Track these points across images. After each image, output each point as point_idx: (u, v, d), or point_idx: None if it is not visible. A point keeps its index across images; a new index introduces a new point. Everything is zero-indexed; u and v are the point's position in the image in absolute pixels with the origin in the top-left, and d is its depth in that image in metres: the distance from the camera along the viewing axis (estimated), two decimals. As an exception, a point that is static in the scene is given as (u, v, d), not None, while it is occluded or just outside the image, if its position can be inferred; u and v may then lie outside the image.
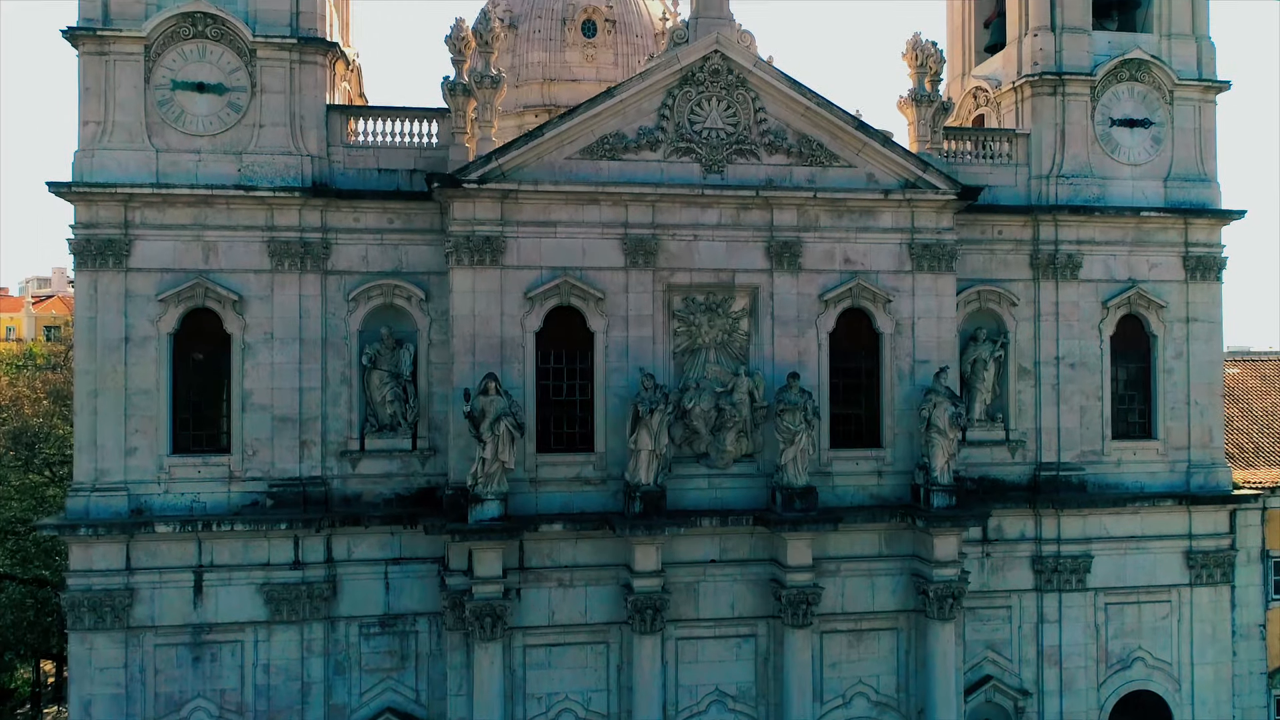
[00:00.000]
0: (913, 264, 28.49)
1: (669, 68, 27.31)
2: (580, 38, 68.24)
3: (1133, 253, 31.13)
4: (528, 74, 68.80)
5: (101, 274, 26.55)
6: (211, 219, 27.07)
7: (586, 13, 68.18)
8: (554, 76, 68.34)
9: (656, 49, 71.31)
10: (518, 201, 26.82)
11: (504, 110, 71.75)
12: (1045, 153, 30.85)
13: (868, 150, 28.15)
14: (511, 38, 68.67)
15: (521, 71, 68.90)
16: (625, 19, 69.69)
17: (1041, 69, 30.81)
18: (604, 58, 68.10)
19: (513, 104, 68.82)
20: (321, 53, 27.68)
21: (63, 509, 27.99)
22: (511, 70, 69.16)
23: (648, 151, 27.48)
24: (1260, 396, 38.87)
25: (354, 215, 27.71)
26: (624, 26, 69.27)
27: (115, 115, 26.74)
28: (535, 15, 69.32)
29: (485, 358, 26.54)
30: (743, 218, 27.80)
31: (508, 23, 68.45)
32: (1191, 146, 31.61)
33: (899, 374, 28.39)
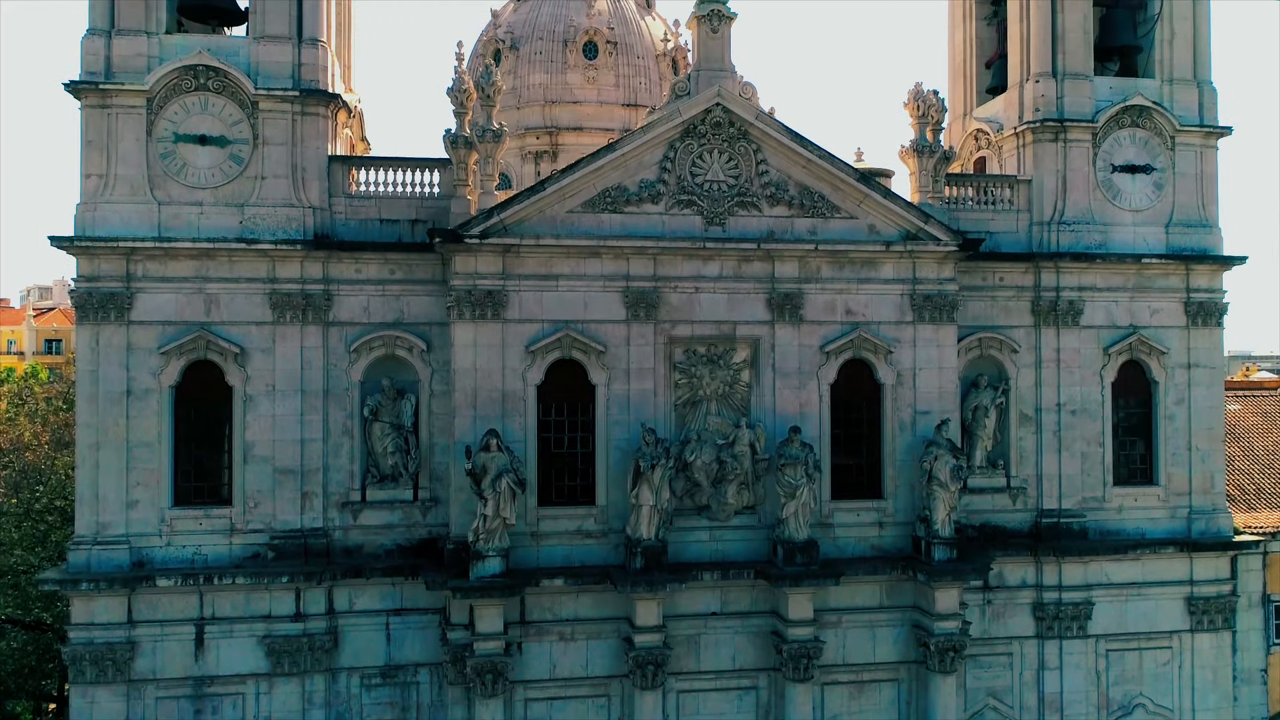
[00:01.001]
0: (914, 314, 28.50)
1: (671, 121, 27.32)
2: (581, 59, 68.37)
3: (1134, 299, 31.12)
4: (529, 95, 68.91)
5: (103, 327, 26.57)
6: (213, 271, 27.10)
7: (588, 34, 68.31)
8: (555, 98, 68.52)
9: (658, 70, 71.36)
10: (519, 255, 26.84)
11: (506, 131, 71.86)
12: (1047, 199, 30.84)
13: (869, 202, 28.16)
14: (513, 59, 68.80)
15: (523, 93, 69.05)
16: (626, 40, 69.82)
17: (1043, 115, 30.80)
18: (605, 79, 68.27)
19: (514, 125, 68.96)
20: (323, 104, 27.70)
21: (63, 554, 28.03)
22: (513, 91, 69.29)
23: (649, 204, 27.50)
24: (1261, 434, 38.87)
25: (356, 266, 27.74)
26: (625, 48, 69.44)
27: (117, 168, 26.76)
28: (536, 37, 69.47)
29: (487, 411, 26.57)
30: (744, 269, 27.82)
31: (509, 44, 68.62)
32: (1193, 192, 31.60)
33: (900, 425, 28.40)
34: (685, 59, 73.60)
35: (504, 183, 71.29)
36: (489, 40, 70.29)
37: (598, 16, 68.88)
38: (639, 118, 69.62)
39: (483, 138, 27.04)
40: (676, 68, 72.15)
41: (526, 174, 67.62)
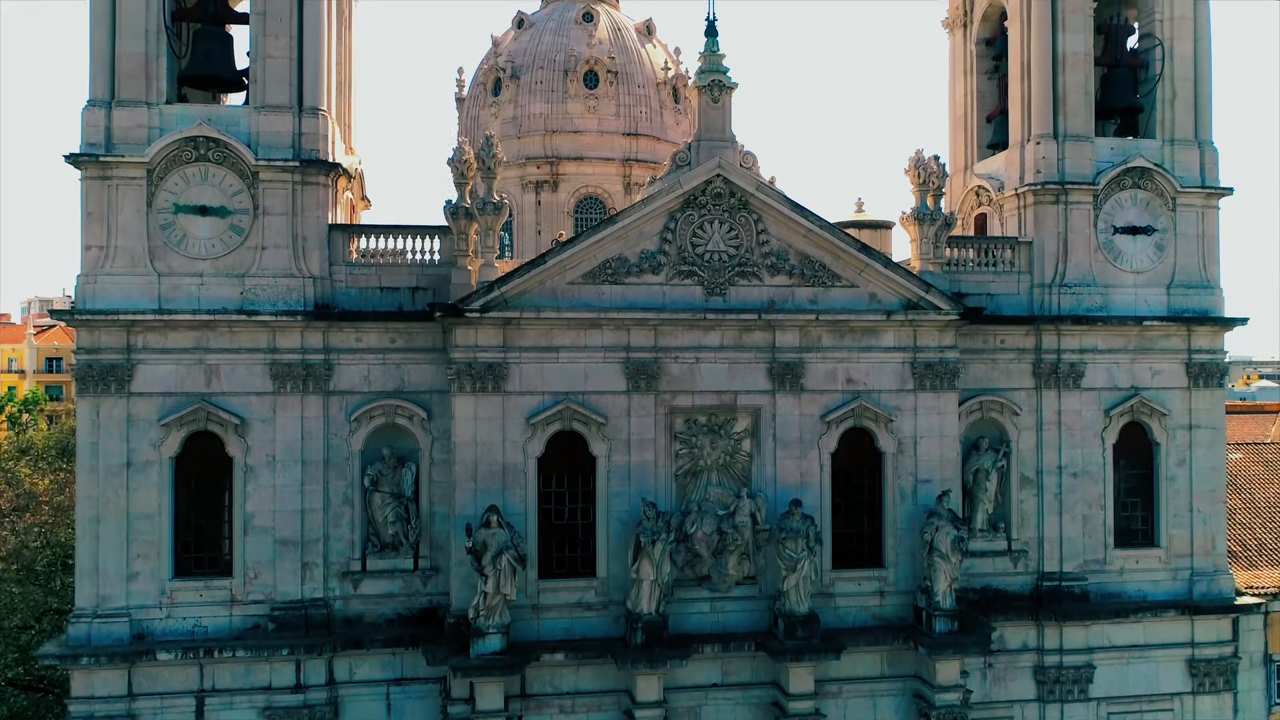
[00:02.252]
0: (915, 382, 28.49)
1: (671, 192, 27.29)
2: (582, 89, 68.42)
3: (1135, 360, 31.10)
4: (529, 125, 69.02)
5: (103, 399, 26.55)
6: (214, 342, 27.09)
7: (588, 64, 68.37)
8: (556, 128, 68.62)
9: (659, 98, 71.29)
10: (520, 328, 26.84)
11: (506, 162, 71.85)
12: (1048, 261, 30.81)
13: (870, 271, 28.14)
14: (514, 88, 68.90)
15: (523, 123, 69.14)
16: (627, 69, 69.88)
17: (1044, 178, 30.77)
18: (606, 109, 68.34)
19: (515, 154, 69.08)
20: (324, 173, 27.68)
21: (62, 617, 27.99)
22: (513, 121, 69.41)
23: (650, 275, 27.49)
24: (1263, 485, 38.81)
25: (356, 335, 27.72)
26: (626, 77, 69.49)
27: (117, 240, 26.75)
28: (537, 66, 69.49)
29: (488, 485, 26.56)
30: (745, 339, 27.80)
31: (509, 73, 68.71)
32: (1194, 253, 31.56)
33: (901, 493, 28.38)
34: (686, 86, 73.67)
35: (505, 211, 71.10)
36: (489, 69, 70.35)
37: (598, 46, 68.92)
38: (640, 146, 69.71)
39: (483, 210, 27.01)
40: (677, 95, 72.21)
41: (527, 203, 67.72)
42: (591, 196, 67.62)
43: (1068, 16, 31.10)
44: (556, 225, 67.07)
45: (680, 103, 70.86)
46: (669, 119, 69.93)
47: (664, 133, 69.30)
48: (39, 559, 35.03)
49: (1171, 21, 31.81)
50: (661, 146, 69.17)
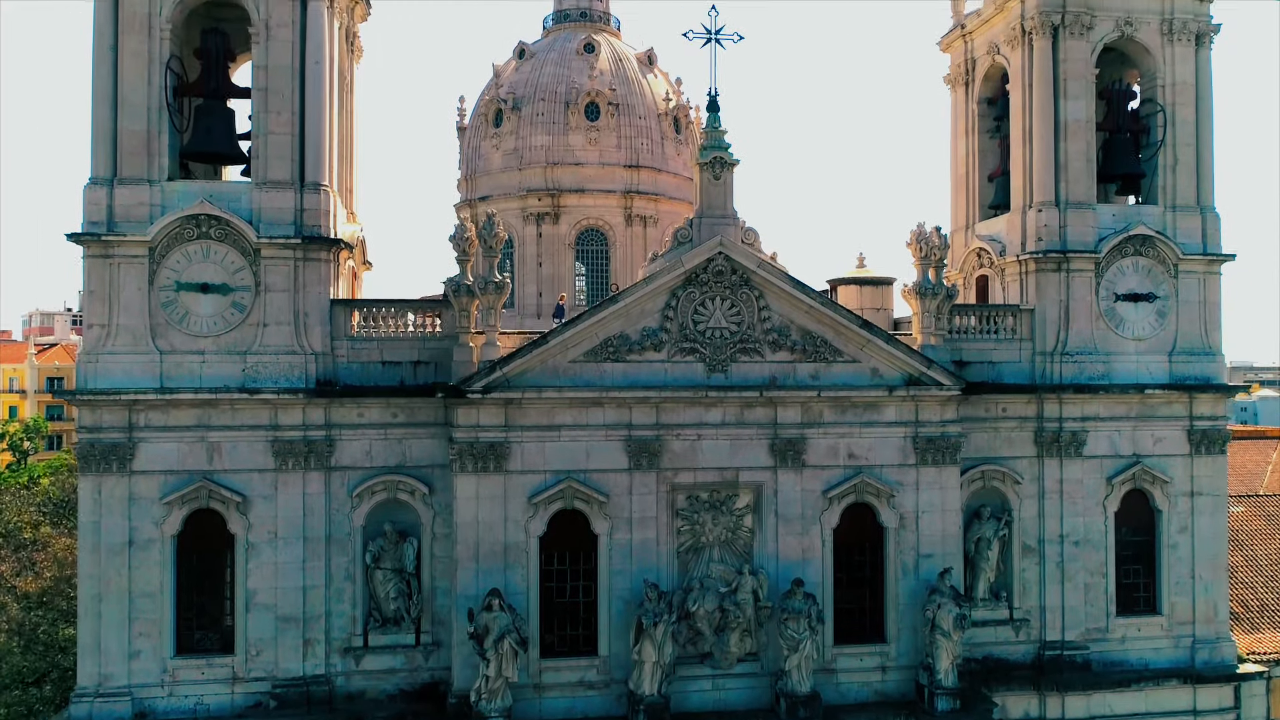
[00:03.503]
0: (917, 457, 28.49)
1: (673, 270, 27.28)
2: (584, 121, 68.38)
3: (1137, 427, 31.09)
4: (531, 157, 69.01)
5: (105, 478, 26.57)
6: (216, 419, 27.09)
7: (589, 96, 68.34)
8: (557, 160, 68.63)
9: (660, 129, 71.26)
10: (522, 407, 26.84)
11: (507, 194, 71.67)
12: (1049, 329, 30.79)
13: (871, 346, 28.14)
14: (515, 119, 68.92)
15: (525, 155, 69.15)
16: (628, 100, 69.86)
17: (1046, 246, 30.76)
18: (607, 141, 68.34)
19: (516, 186, 69.12)
20: (326, 249, 27.69)
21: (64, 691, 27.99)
22: (514, 153, 69.43)
23: (651, 352, 27.48)
24: (1265, 540, 38.77)
25: (358, 411, 27.73)
26: (627, 108, 69.47)
27: (119, 318, 26.76)
28: (538, 98, 69.48)
29: (489, 564, 26.57)
30: (747, 415, 27.80)
31: (510, 105, 68.74)
32: (1196, 320, 31.54)
33: (903, 568, 28.37)
34: (687, 117, 73.66)
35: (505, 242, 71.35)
36: (491, 100, 70.33)
37: (599, 77, 68.89)
38: (641, 178, 69.70)
39: (485, 289, 27.01)
40: (679, 126, 72.23)
41: (528, 235, 67.73)
42: (593, 228, 67.64)
43: (1069, 83, 31.10)
44: (558, 257, 67.11)
45: (682, 133, 70.87)
46: (670, 150, 69.94)
47: (665, 164, 69.32)
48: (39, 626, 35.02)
49: (1173, 87, 31.79)
50: (663, 178, 69.21)
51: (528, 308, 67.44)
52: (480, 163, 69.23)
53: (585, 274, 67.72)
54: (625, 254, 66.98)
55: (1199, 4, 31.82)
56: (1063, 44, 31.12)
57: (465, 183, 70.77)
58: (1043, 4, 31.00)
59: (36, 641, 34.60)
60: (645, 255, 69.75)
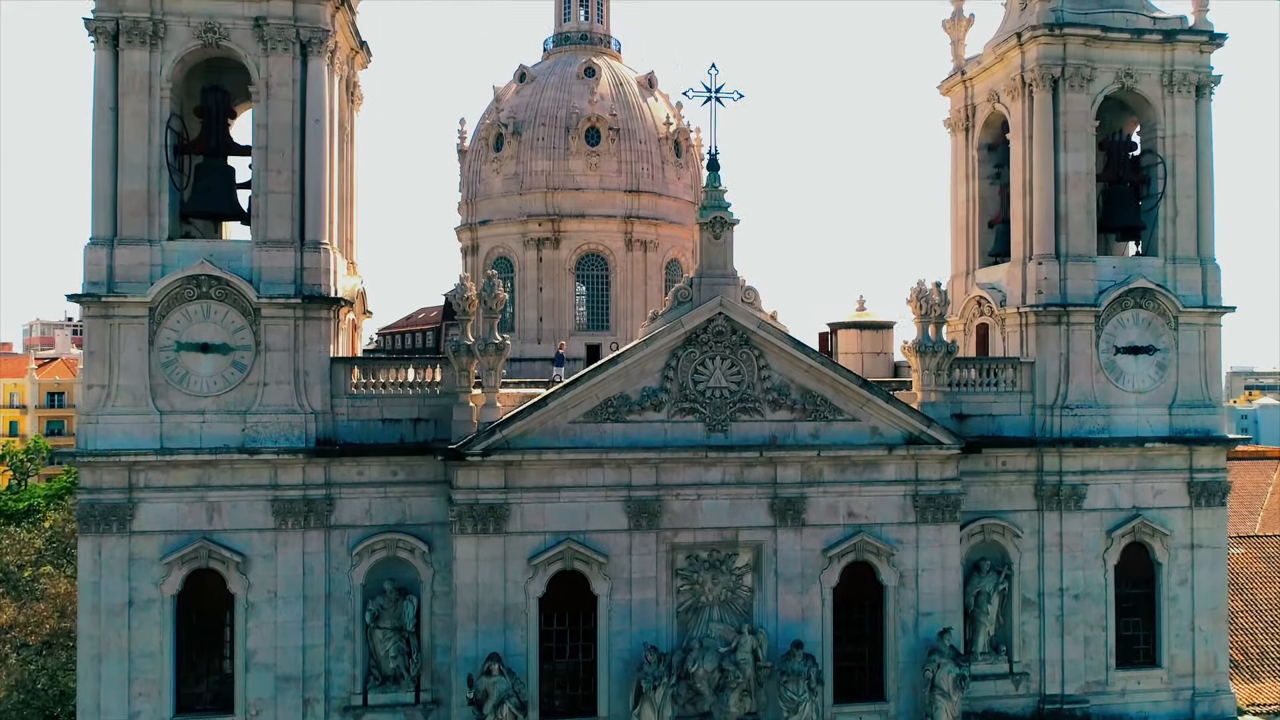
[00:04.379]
0: (917, 515, 28.49)
1: (673, 331, 27.28)
2: (584, 145, 68.38)
3: (1137, 480, 31.09)
4: (531, 182, 68.99)
5: (105, 539, 26.59)
6: (215, 479, 27.11)
7: (590, 121, 68.33)
8: (558, 185, 68.63)
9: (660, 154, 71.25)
10: (521, 468, 26.86)
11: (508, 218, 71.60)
12: (1049, 382, 30.79)
13: (871, 405, 28.15)
14: (515, 144, 68.92)
15: (525, 179, 69.13)
16: (629, 125, 69.83)
17: (1046, 299, 30.75)
18: (608, 166, 68.36)
19: (517, 211, 69.11)
20: (325, 307, 27.69)
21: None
22: (515, 177, 69.45)
23: (651, 412, 27.49)
24: (1266, 583, 38.82)
25: (358, 469, 27.75)
26: (628, 133, 69.45)
27: (119, 379, 26.76)
28: (539, 123, 69.47)
29: (489, 625, 26.59)
30: (747, 474, 27.81)
31: (511, 129, 68.75)
32: (1196, 372, 31.53)
33: (903, 627, 28.37)
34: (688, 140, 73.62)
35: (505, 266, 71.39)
36: (491, 124, 70.30)
37: (600, 102, 68.87)
38: (642, 203, 69.68)
39: (485, 350, 27.01)
40: (679, 150, 72.22)
41: (529, 259, 67.78)
42: (593, 253, 67.63)
43: (1070, 136, 31.10)
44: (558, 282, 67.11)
45: (682, 156, 70.85)
46: (670, 174, 69.93)
47: (665, 188, 69.30)
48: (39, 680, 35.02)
49: (1173, 139, 31.79)
50: (663, 202, 69.21)
51: (528, 333, 67.48)
52: (481, 186, 69.27)
53: (586, 298, 67.79)
54: (626, 278, 67.03)
55: (1199, 55, 31.82)
56: (1063, 96, 31.12)
57: (466, 206, 70.79)
58: (1042, 57, 31.00)
59: (36, 696, 34.64)
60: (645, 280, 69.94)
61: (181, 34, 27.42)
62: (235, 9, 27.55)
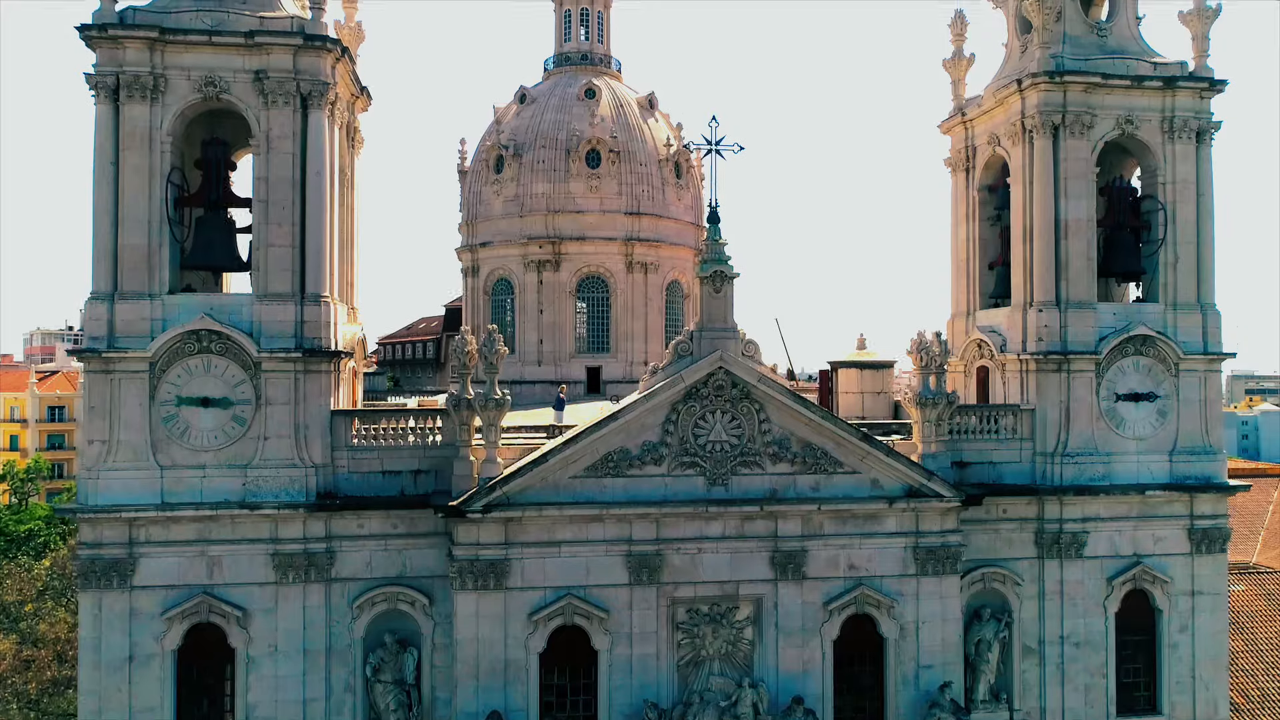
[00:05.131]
0: (917, 567, 28.49)
1: (674, 386, 27.28)
2: (584, 168, 68.32)
3: (1138, 527, 31.09)
4: (532, 204, 68.93)
5: (106, 594, 26.61)
6: (216, 533, 27.13)
7: (590, 143, 68.30)
8: (558, 208, 68.57)
9: (661, 176, 71.20)
10: (522, 524, 26.87)
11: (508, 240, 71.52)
12: (1050, 430, 30.78)
13: (872, 458, 28.14)
14: (515, 166, 68.90)
15: (526, 202, 69.08)
16: (629, 147, 69.76)
17: (1046, 347, 30.73)
18: (608, 188, 68.32)
19: (517, 233, 69.08)
20: (326, 360, 27.68)
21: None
22: (515, 200, 69.45)
23: (652, 466, 27.49)
24: (1266, 622, 38.77)
25: (358, 522, 27.77)
26: (628, 155, 69.41)
27: (120, 433, 26.77)
28: (539, 145, 69.42)
29: (489, 681, 26.60)
30: (747, 528, 27.82)
31: (512, 151, 68.77)
32: (1197, 418, 31.51)
33: (903, 679, 28.37)
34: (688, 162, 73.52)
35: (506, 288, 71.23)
36: (492, 146, 70.24)
37: (600, 124, 68.82)
38: (642, 225, 69.55)
39: (485, 405, 26.99)
40: (680, 171, 72.14)
41: (529, 282, 67.70)
42: (594, 275, 67.57)
43: (1070, 183, 31.08)
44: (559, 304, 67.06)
45: (683, 177, 70.80)
46: (671, 195, 69.87)
47: (666, 209, 69.25)
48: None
49: (1174, 185, 31.77)
50: (664, 224, 69.13)
51: (528, 356, 67.41)
52: (481, 208, 69.24)
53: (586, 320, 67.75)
54: (626, 301, 67.01)
55: (1200, 101, 31.81)
56: (1063, 143, 31.10)
57: (466, 227, 70.75)
58: (1043, 104, 30.98)
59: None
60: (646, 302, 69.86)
61: (182, 88, 27.45)
62: (236, 62, 27.56)
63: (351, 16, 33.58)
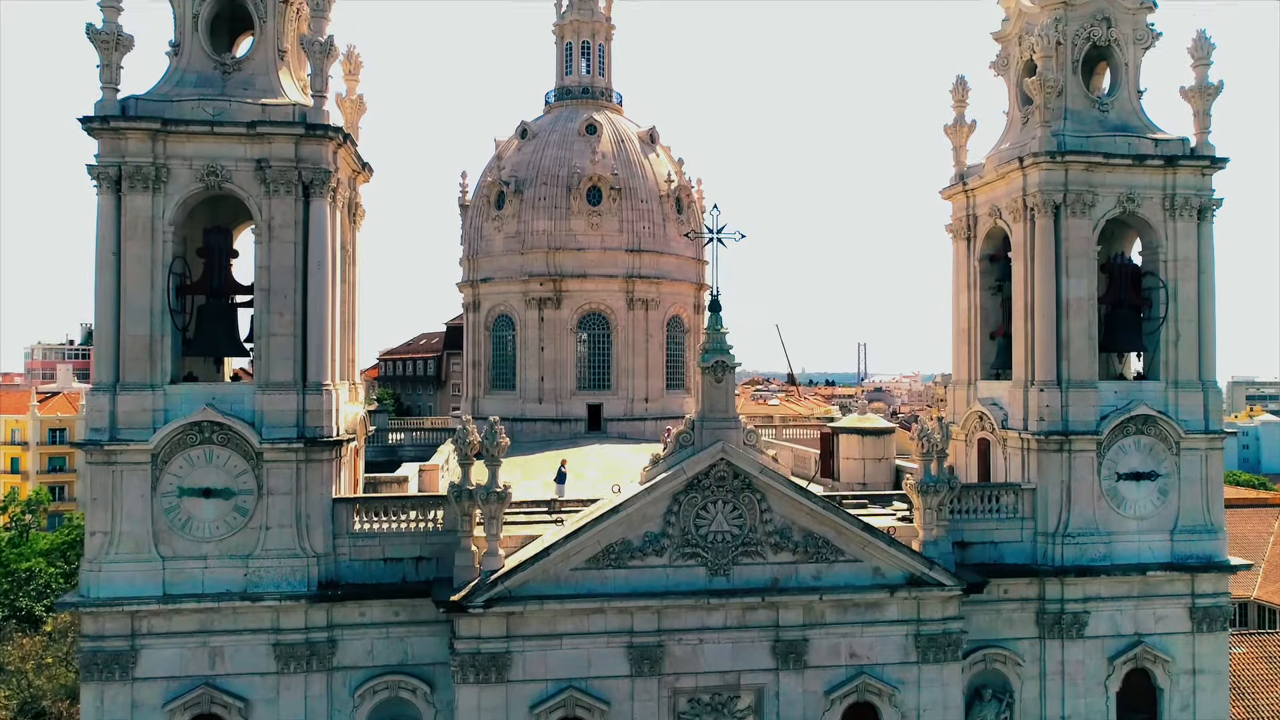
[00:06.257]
0: (919, 655, 28.49)
1: (675, 479, 27.27)
2: (585, 205, 68.42)
3: (1139, 606, 31.11)
4: (533, 241, 69.05)
5: (108, 686, 26.64)
6: (218, 624, 27.16)
7: (591, 180, 68.40)
8: (559, 245, 68.68)
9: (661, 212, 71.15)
10: (524, 617, 26.87)
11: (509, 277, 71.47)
12: (1051, 510, 30.79)
13: (873, 547, 28.15)
14: (516, 203, 68.97)
15: (527, 238, 69.19)
16: (630, 184, 69.87)
17: (1047, 427, 30.74)
18: (609, 225, 68.40)
19: (518, 270, 69.18)
20: (328, 449, 27.69)
21: None
22: (516, 236, 69.52)
23: (654, 557, 27.49)
24: (1267, 686, 38.78)
25: (360, 610, 27.79)
26: (629, 192, 69.49)
27: (122, 525, 26.81)
28: (540, 181, 69.54)
29: (491, 777, 26.58)
30: (748, 618, 27.82)
31: (513, 187, 68.90)
32: (1198, 496, 31.52)
33: (904, 768, 28.38)
34: (689, 196, 73.55)
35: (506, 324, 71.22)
36: (493, 181, 70.29)
37: (601, 161, 68.89)
38: (643, 262, 69.58)
39: (487, 499, 26.98)
40: (680, 206, 72.14)
41: (530, 319, 67.79)
42: (595, 312, 67.62)
43: (1071, 262, 31.09)
44: (560, 341, 67.15)
45: (684, 213, 70.80)
46: (672, 230, 69.85)
47: (667, 245, 69.25)
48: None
49: (1175, 263, 31.78)
50: (665, 260, 69.14)
51: (529, 393, 67.43)
52: (482, 244, 69.26)
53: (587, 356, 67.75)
54: (627, 337, 67.07)
55: (1201, 179, 31.82)
56: (1065, 222, 31.12)
57: (467, 262, 70.80)
58: (1044, 183, 30.99)
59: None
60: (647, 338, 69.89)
61: (184, 177, 27.49)
62: (238, 151, 27.59)
63: (353, 89, 33.61)
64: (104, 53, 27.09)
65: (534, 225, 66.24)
